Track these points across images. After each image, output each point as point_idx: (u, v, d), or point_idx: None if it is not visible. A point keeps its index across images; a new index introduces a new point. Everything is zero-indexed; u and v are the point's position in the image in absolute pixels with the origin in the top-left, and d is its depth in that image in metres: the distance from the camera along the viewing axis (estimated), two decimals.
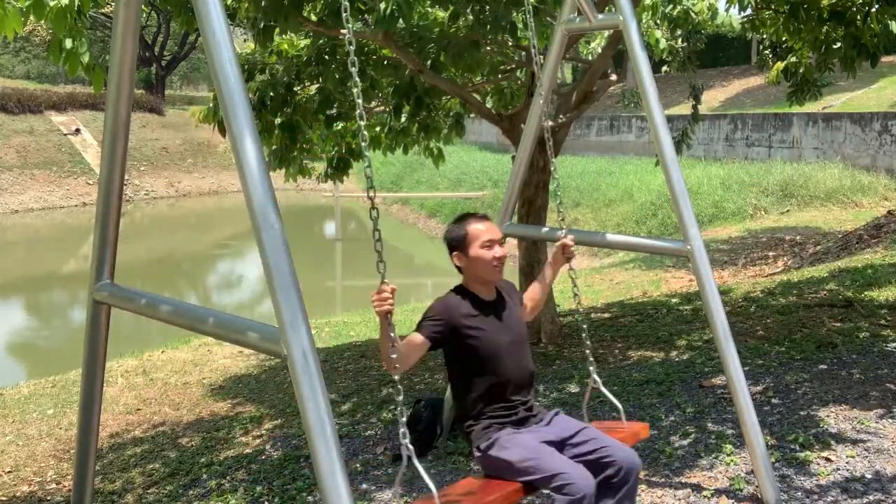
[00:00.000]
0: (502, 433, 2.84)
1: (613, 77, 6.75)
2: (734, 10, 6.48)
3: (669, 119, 3.59)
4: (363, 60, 6.44)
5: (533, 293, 3.35)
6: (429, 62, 5.86)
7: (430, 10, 6.36)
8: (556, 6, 4.98)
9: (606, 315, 8.05)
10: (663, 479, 3.80)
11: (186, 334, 9.66)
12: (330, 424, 1.94)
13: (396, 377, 2.59)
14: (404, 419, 2.53)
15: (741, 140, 22.14)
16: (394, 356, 2.56)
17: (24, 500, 5.01)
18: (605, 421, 3.52)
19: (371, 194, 2.46)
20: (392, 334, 2.56)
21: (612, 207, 19.86)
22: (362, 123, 2.58)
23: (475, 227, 2.95)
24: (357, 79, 2.50)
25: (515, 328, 3.03)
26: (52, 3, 4.33)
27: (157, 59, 43.02)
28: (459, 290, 3.00)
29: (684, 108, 24.29)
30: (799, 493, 3.54)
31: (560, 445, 2.82)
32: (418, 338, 2.82)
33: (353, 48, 2.50)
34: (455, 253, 2.99)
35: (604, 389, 3.29)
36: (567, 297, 10.69)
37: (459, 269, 3.01)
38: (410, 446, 2.48)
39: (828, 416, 4.38)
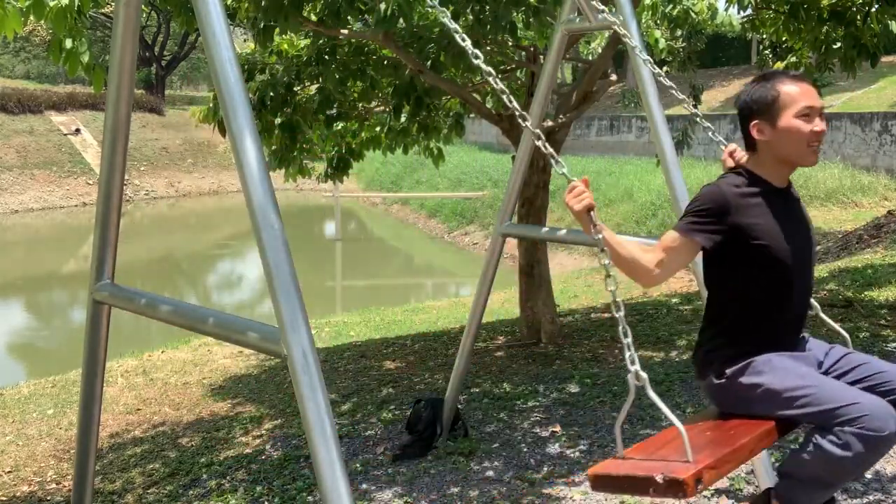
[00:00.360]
0: (761, 357, 2.25)
1: (613, 77, 6.75)
2: (734, 10, 6.49)
3: (669, 119, 3.59)
4: (363, 60, 6.44)
5: None
6: (429, 62, 5.86)
7: (430, 10, 6.35)
8: (556, 6, 4.98)
9: (606, 315, 8.05)
10: None
11: (186, 334, 9.66)
12: (330, 424, 1.94)
13: (646, 288, 2.08)
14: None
15: (741, 140, 22.14)
16: (636, 260, 2.12)
17: (24, 500, 5.01)
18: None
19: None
20: (610, 234, 2.15)
21: (612, 207, 19.86)
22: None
23: (790, 89, 2.22)
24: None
25: (808, 233, 2.37)
26: (52, 3, 4.33)
27: (157, 59, 43.03)
28: (743, 170, 2.33)
29: (684, 109, 24.27)
30: None
31: (825, 373, 2.27)
32: (672, 236, 2.23)
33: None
34: (756, 122, 2.27)
35: (822, 315, 2.62)
36: (567, 296, 10.70)
37: (752, 145, 2.32)
38: (643, 374, 2.10)
39: None
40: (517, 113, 2.49)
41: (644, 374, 2.09)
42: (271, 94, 6.28)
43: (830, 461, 2.05)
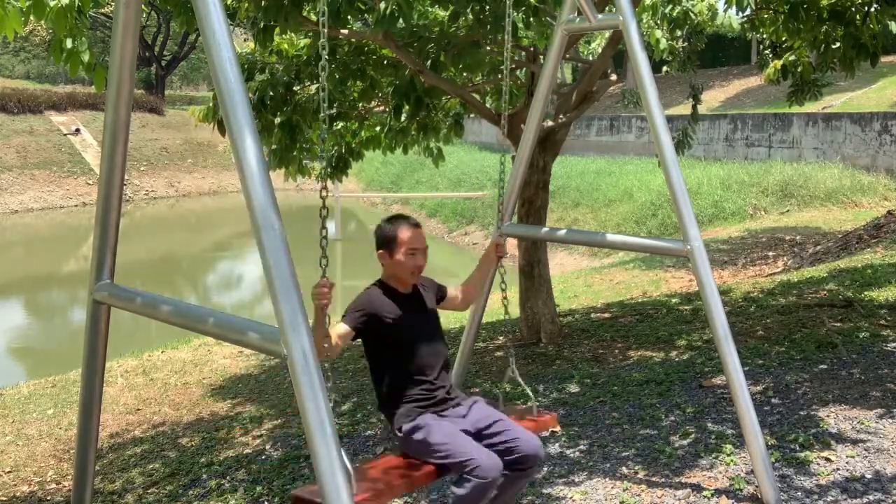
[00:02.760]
0: (424, 417, 3.05)
1: (613, 77, 6.75)
2: (733, 11, 6.48)
3: (669, 119, 3.59)
4: (363, 60, 6.44)
5: (466, 287, 3.62)
6: (429, 62, 5.86)
7: (430, 9, 6.36)
8: (556, 6, 4.97)
9: (606, 315, 8.05)
10: (663, 479, 3.80)
11: (186, 334, 9.66)
12: (330, 424, 1.94)
13: (325, 364, 2.72)
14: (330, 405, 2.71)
15: (741, 140, 22.14)
16: (325, 345, 2.81)
17: (24, 500, 5.01)
18: (520, 406, 3.84)
19: (323, 191, 2.78)
20: (326, 326, 2.82)
21: (612, 207, 19.86)
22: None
23: (403, 233, 3.19)
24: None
25: (429, 317, 3.29)
26: (52, 3, 4.33)
27: (157, 59, 43.04)
28: (380, 283, 3.25)
29: (684, 108, 24.28)
30: (799, 493, 3.54)
31: (476, 435, 3.05)
32: (343, 328, 3.05)
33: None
34: (380, 251, 3.23)
35: (519, 379, 3.55)
36: (567, 296, 10.70)
37: (382, 263, 3.25)
38: None
39: (828, 416, 4.38)
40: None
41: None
42: (271, 93, 6.28)
43: (458, 498, 2.90)
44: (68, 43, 4.47)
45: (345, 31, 5.77)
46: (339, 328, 3.05)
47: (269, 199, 2.03)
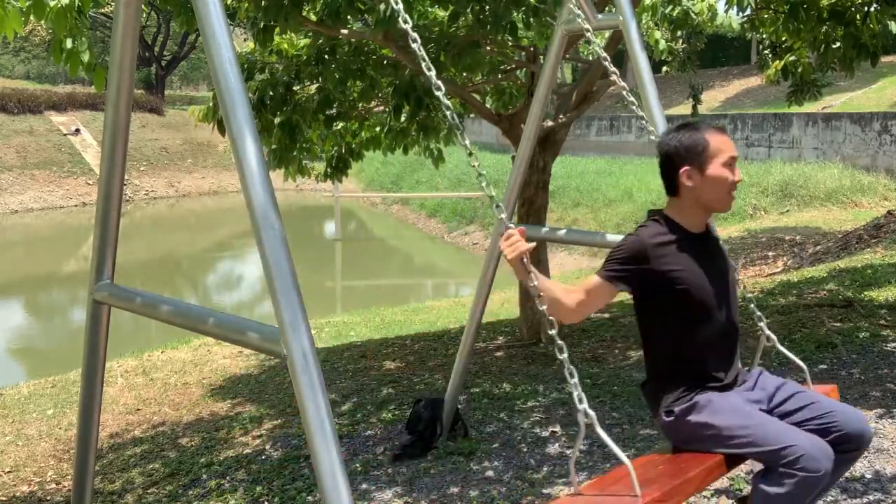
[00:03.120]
0: (703, 396, 2.36)
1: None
2: (734, 12, 6.48)
3: (669, 119, 3.59)
4: (363, 60, 6.44)
5: None
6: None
7: (430, 9, 6.36)
8: (556, 6, 4.97)
9: (606, 315, 8.05)
10: None
11: (186, 334, 9.66)
12: (330, 424, 1.94)
13: (553, 331, 2.18)
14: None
15: (741, 140, 22.14)
16: (559, 301, 2.24)
17: (24, 500, 5.01)
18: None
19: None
20: (539, 280, 2.24)
21: (612, 207, 19.86)
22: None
23: (719, 139, 2.38)
24: None
25: (726, 272, 2.51)
26: (52, 3, 4.33)
27: (157, 59, 43.04)
28: (661, 217, 2.47)
29: (684, 108, 24.27)
30: None
31: (772, 411, 2.37)
32: (595, 280, 2.36)
33: None
34: (685, 168, 2.39)
35: (781, 348, 2.82)
36: None
37: (676, 190, 2.46)
38: (591, 413, 2.16)
39: None
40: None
41: (592, 413, 2.15)
42: (271, 93, 6.28)
43: (772, 497, 2.19)
44: (68, 43, 4.47)
45: (345, 31, 5.78)
46: (591, 282, 2.37)
47: (269, 199, 2.03)
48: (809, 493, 2.17)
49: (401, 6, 2.43)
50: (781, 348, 2.81)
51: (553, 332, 2.22)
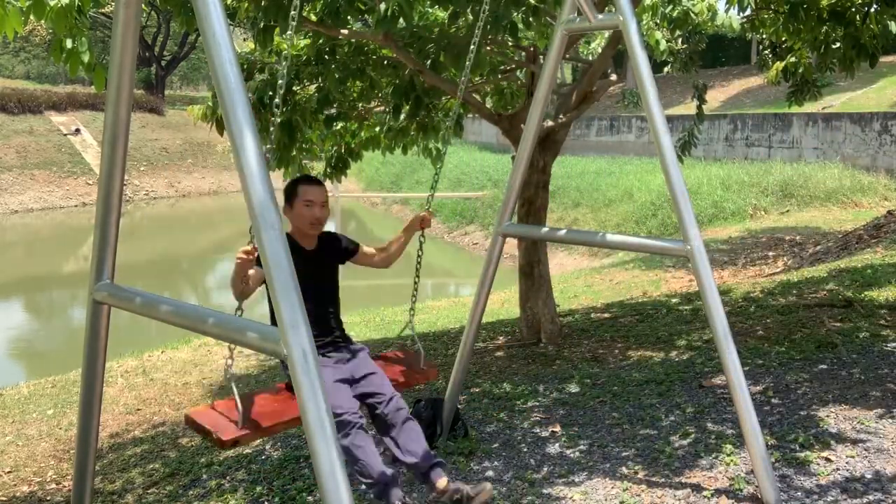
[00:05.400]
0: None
1: (613, 77, 6.75)
2: (734, 11, 6.49)
3: (669, 119, 3.59)
4: (363, 60, 6.44)
5: (385, 247, 4.08)
6: (428, 62, 5.86)
7: (430, 10, 6.36)
8: (556, 6, 4.98)
9: (606, 315, 8.05)
10: (663, 479, 3.80)
11: (186, 334, 9.66)
12: (330, 424, 1.94)
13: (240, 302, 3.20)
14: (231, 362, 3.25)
15: (741, 140, 22.15)
16: (243, 287, 3.26)
17: (24, 500, 5.01)
18: (408, 354, 4.25)
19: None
20: (247, 283, 3.26)
21: (612, 207, 19.87)
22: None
23: (302, 187, 3.59)
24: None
25: (324, 270, 3.72)
26: (52, 3, 4.33)
27: (157, 59, 43.05)
28: (286, 235, 3.53)
29: (684, 109, 24.30)
30: (799, 493, 3.54)
31: (351, 382, 3.56)
32: (258, 272, 3.34)
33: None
34: (284, 205, 3.55)
35: (414, 335, 4.08)
36: (567, 297, 10.70)
37: (286, 217, 3.56)
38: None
39: (828, 416, 4.38)
40: None
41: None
42: (271, 93, 6.28)
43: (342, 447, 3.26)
44: (68, 43, 4.46)
45: (345, 32, 5.77)
46: (254, 272, 3.34)
47: (269, 199, 2.03)
48: (356, 450, 3.44)
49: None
50: (414, 335, 4.09)
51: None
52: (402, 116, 7.02)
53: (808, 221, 15.33)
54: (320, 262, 3.72)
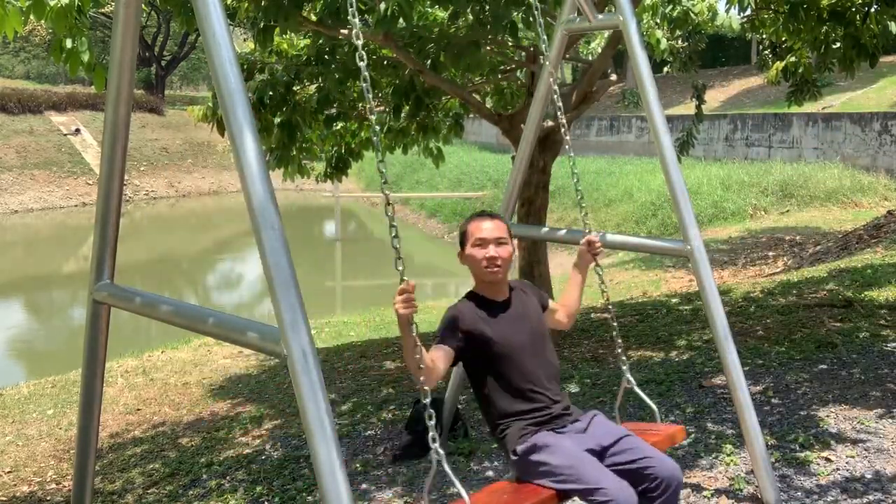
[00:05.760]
0: (539, 436, 2.74)
1: (613, 77, 6.75)
2: (734, 11, 6.49)
3: (669, 119, 3.59)
4: None
5: (564, 299, 3.23)
6: (429, 62, 5.86)
7: (430, 10, 6.36)
8: (556, 6, 4.97)
9: (606, 315, 8.05)
10: None
11: (186, 334, 9.66)
12: (330, 424, 1.94)
13: (427, 388, 2.45)
14: (433, 422, 2.46)
15: (741, 140, 22.14)
16: (421, 365, 2.50)
17: (24, 500, 5.01)
18: (640, 423, 3.43)
19: (386, 191, 2.44)
20: (417, 343, 2.46)
21: (612, 207, 19.86)
22: (373, 118, 2.58)
23: (472, 225, 2.91)
24: (366, 73, 2.49)
25: (531, 325, 2.91)
26: (52, 3, 4.33)
27: (157, 59, 43.04)
28: (470, 295, 2.94)
29: (684, 109, 24.28)
30: (799, 493, 3.54)
31: (600, 454, 2.72)
32: (441, 348, 2.73)
33: (360, 42, 2.47)
34: (460, 251, 2.95)
35: (638, 390, 3.23)
36: None
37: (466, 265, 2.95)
38: (441, 451, 2.46)
39: (828, 416, 4.38)
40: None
41: (441, 452, 2.46)
42: (270, 93, 6.28)
43: None
44: (68, 43, 4.46)
45: (345, 32, 5.77)
46: (436, 352, 2.72)
47: (269, 199, 2.03)
48: None
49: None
50: (638, 391, 3.24)
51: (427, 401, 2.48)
52: (403, 116, 7.02)
53: (808, 221, 15.33)
54: (520, 309, 2.93)
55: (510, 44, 6.42)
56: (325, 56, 6.30)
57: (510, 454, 2.77)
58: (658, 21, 6.92)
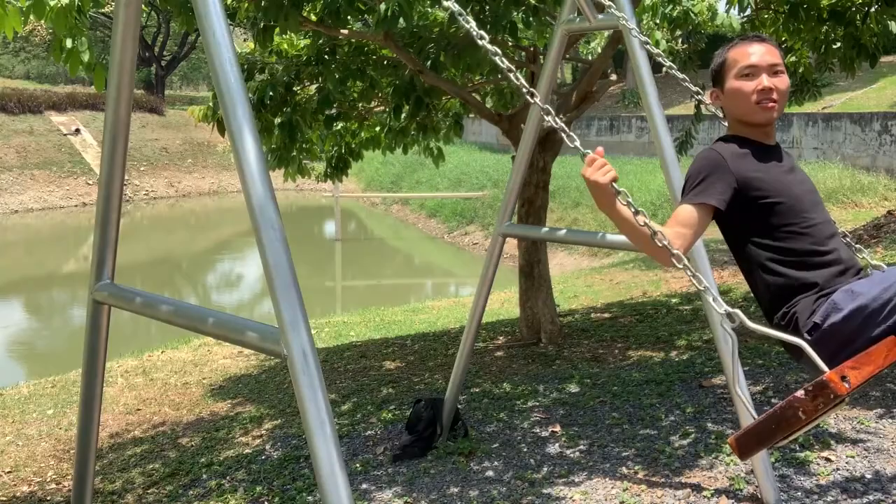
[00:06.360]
0: (836, 294, 2.20)
1: (613, 77, 6.75)
2: (734, 11, 6.49)
3: (669, 119, 3.59)
4: (363, 60, 6.44)
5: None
6: (429, 62, 5.86)
7: (430, 10, 6.36)
8: (556, 6, 4.97)
9: (606, 315, 8.05)
10: (663, 479, 3.80)
11: (186, 334, 9.66)
12: (330, 424, 1.94)
13: (675, 264, 1.99)
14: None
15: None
16: (659, 235, 2.02)
17: (24, 500, 5.01)
18: None
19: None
20: (639, 210, 2.07)
21: None
22: None
23: (736, 51, 2.30)
24: None
25: (806, 178, 2.39)
26: (52, 3, 4.33)
27: (157, 59, 43.04)
28: (728, 138, 2.37)
29: (684, 109, 24.27)
30: (799, 493, 3.54)
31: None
32: (697, 206, 2.18)
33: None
34: (713, 90, 2.41)
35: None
36: (567, 296, 10.70)
37: (723, 111, 2.46)
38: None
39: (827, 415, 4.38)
40: (525, 90, 2.56)
41: (739, 312, 2.04)
42: (271, 94, 6.28)
43: None
44: (68, 43, 4.46)
45: (345, 32, 5.78)
46: (683, 212, 2.19)
47: (269, 199, 2.03)
48: None
49: None
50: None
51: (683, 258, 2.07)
52: (403, 116, 7.02)
53: None
54: (792, 166, 2.39)
55: (510, 44, 6.42)
56: (325, 56, 6.30)
57: (805, 336, 2.17)
58: (658, 21, 6.92)
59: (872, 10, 6.11)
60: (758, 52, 2.28)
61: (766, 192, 2.23)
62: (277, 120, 6.61)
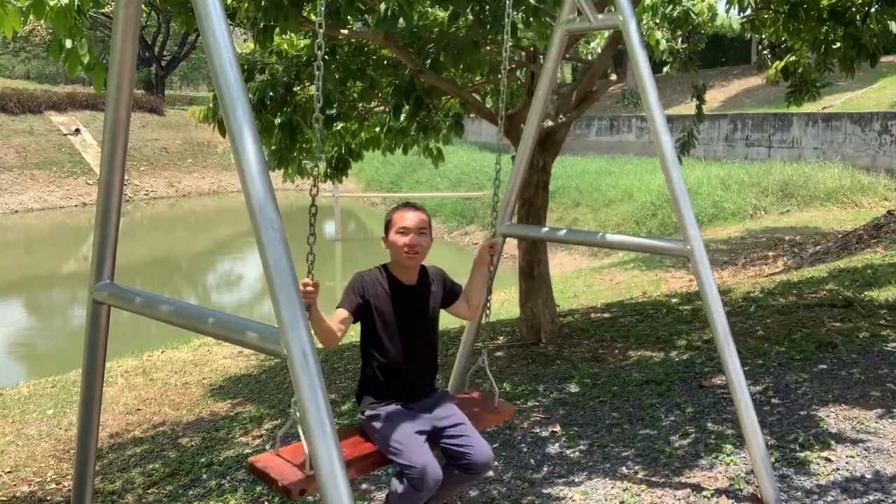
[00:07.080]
0: (388, 408, 3.12)
1: (613, 77, 6.75)
2: (734, 11, 6.49)
3: (669, 119, 3.59)
4: (363, 60, 6.43)
5: (467, 294, 3.63)
6: (429, 62, 5.86)
7: (430, 10, 6.36)
8: (556, 6, 4.98)
9: (606, 315, 8.05)
10: (663, 479, 3.80)
11: (186, 334, 9.66)
12: (330, 424, 1.94)
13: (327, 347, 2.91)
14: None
15: (741, 140, 22.14)
16: (327, 332, 2.93)
17: (24, 500, 5.01)
18: (479, 394, 3.77)
19: (313, 189, 2.93)
20: (321, 315, 2.88)
21: (612, 207, 19.86)
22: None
23: (397, 214, 3.23)
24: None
25: (421, 307, 3.30)
26: (52, 3, 4.33)
27: (157, 59, 43.04)
28: (382, 267, 3.27)
29: (684, 109, 24.29)
30: (799, 493, 3.54)
31: (432, 432, 3.11)
32: (342, 312, 3.09)
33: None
34: (382, 237, 3.29)
35: (488, 373, 3.67)
36: (567, 296, 10.70)
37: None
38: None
39: (828, 416, 4.38)
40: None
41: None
42: (271, 94, 6.28)
43: (394, 493, 3.02)
44: (68, 43, 4.46)
45: (345, 32, 5.77)
46: (338, 314, 3.08)
47: (269, 199, 2.03)
48: (415, 500, 2.95)
49: None
50: (488, 372, 3.64)
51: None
52: (403, 116, 7.02)
53: (807, 221, 15.33)
54: (420, 298, 3.30)
55: (510, 44, 6.42)
56: (325, 56, 6.30)
57: (360, 413, 3.20)
58: (658, 21, 6.92)
59: (872, 10, 6.11)
60: (411, 218, 3.20)
61: (378, 313, 3.17)
62: (277, 120, 6.61)
